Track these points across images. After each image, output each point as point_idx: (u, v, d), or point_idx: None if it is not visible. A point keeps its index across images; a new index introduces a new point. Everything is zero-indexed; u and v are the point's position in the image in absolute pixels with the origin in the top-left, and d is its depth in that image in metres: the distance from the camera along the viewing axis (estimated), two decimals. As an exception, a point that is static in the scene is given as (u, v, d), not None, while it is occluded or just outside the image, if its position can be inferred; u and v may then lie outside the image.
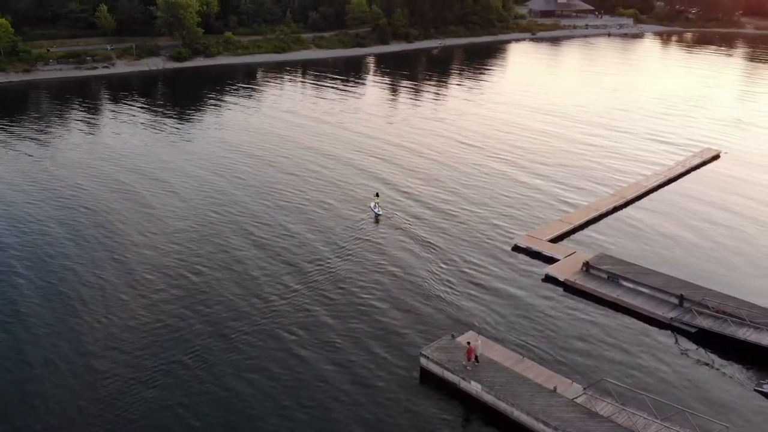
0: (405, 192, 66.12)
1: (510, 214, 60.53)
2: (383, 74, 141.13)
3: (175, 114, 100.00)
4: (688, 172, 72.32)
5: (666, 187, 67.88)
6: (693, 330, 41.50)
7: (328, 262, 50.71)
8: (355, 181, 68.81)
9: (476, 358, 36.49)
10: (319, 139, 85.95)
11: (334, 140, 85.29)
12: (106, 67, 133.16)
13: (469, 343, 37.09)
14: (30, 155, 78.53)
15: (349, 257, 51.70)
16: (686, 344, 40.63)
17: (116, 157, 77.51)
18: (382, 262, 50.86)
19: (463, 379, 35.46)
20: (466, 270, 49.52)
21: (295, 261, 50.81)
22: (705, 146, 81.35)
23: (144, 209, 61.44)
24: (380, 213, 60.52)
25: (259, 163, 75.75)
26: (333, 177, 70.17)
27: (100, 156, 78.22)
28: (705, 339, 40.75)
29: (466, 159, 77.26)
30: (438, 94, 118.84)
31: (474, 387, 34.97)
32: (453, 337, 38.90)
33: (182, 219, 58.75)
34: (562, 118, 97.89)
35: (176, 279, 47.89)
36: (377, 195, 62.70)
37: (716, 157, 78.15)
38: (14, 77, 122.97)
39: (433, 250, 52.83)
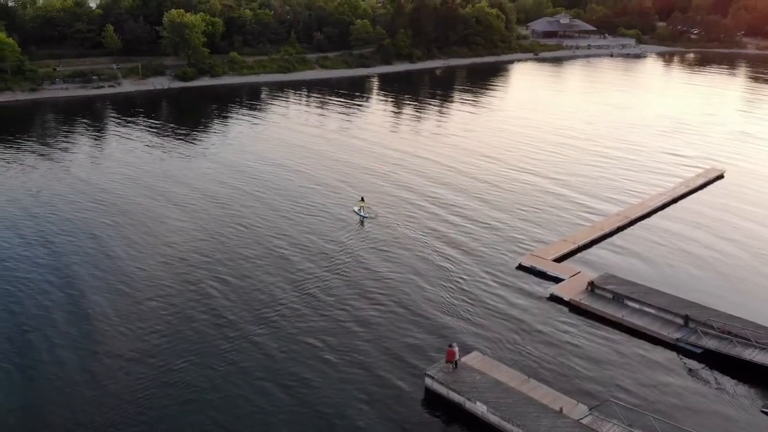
0: (411, 208, 66.31)
1: (514, 232, 60.56)
2: (388, 93, 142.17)
3: (182, 131, 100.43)
4: (692, 191, 72.43)
5: (670, 207, 67.96)
6: (698, 351, 41.38)
7: (325, 277, 50.93)
8: (356, 191, 68.98)
9: (455, 363, 37.06)
10: (329, 152, 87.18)
11: (342, 154, 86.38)
12: (112, 86, 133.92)
13: (450, 346, 37.59)
14: (43, 169, 79.34)
15: (348, 271, 51.89)
16: (692, 365, 40.51)
17: (130, 171, 78.25)
18: (387, 277, 50.94)
19: (469, 399, 35.37)
20: (470, 288, 49.50)
21: (295, 276, 50.86)
22: (709, 165, 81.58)
23: (164, 221, 62.32)
24: (367, 216, 62.37)
25: (273, 176, 76.84)
26: (334, 191, 70.53)
27: (114, 170, 78.96)
28: (711, 360, 40.62)
29: (471, 176, 77.49)
30: (443, 111, 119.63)
31: (479, 408, 34.87)
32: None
33: (187, 230, 59.10)
34: (568, 135, 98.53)
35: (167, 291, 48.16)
36: (362, 199, 64.70)
37: (720, 176, 78.33)
38: (21, 96, 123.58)
39: (436, 268, 52.84)
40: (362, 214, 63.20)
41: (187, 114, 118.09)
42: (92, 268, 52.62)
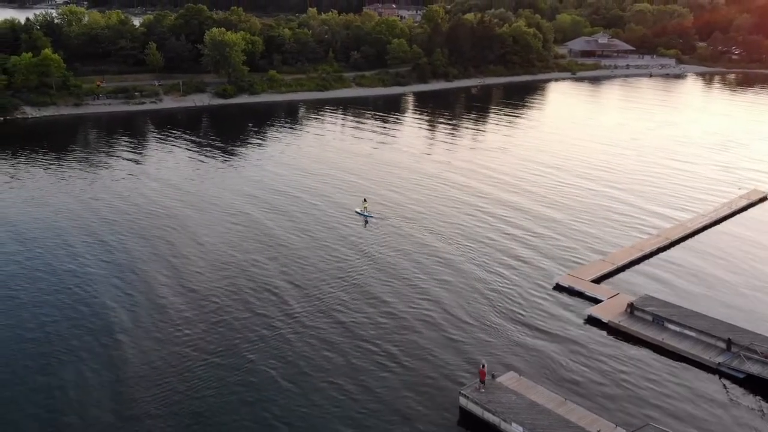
0: (455, 221, 66.79)
1: (554, 249, 60.08)
2: (425, 110, 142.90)
3: (225, 147, 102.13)
4: (734, 213, 71.04)
5: (711, 229, 66.70)
6: (741, 375, 40.45)
7: (371, 284, 51.77)
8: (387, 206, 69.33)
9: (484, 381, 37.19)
10: (370, 165, 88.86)
11: (383, 167, 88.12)
12: (154, 102, 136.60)
13: (482, 366, 37.57)
14: (93, 180, 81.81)
15: (391, 281, 52.74)
16: (734, 390, 39.56)
17: (178, 185, 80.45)
18: (428, 289, 51.22)
19: (504, 420, 34.96)
20: (508, 306, 49.17)
21: (326, 288, 51.46)
22: (752, 187, 80.00)
23: (216, 227, 63.85)
24: (371, 216, 66.39)
25: (315, 191, 77.87)
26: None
27: (163, 182, 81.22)
28: (753, 385, 39.70)
29: (513, 191, 77.61)
30: (482, 127, 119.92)
31: (515, 429, 34.42)
32: (493, 377, 38.47)
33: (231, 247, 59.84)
34: (613, 152, 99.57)
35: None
36: (365, 200, 68.66)
37: (764, 198, 76.76)
38: (65, 110, 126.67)
39: (476, 283, 52.77)
40: (365, 214, 67.41)
41: (228, 130, 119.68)
42: (154, 273, 55.02)
